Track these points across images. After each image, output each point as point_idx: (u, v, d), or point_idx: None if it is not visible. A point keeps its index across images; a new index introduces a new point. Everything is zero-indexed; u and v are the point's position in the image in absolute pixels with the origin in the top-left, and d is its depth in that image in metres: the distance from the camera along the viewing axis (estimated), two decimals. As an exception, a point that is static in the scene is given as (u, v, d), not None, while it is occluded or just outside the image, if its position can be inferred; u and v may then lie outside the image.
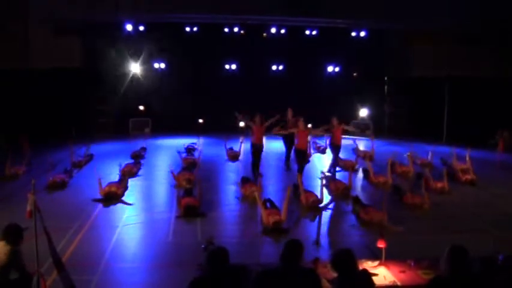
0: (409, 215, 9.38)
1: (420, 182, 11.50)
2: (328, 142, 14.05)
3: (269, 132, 12.66)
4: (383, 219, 8.42)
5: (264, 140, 12.46)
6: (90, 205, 9.59)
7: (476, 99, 18.35)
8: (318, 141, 16.39)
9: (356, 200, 9.64)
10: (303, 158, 12.00)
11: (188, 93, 19.40)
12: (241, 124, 15.00)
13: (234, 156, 14.51)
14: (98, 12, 16.63)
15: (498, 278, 5.14)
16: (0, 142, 15.33)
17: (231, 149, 14.88)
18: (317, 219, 8.25)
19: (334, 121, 12.62)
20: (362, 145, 16.40)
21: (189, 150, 15.10)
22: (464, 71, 18.41)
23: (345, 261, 3.95)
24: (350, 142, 15.67)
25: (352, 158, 14.29)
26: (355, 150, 15.41)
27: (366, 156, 14.80)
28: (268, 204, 9.09)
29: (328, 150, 14.63)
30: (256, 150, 12.28)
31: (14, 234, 4.84)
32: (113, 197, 9.95)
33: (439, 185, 11.10)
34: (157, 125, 19.98)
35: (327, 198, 10.08)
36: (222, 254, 3.91)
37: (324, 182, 10.64)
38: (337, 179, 11.65)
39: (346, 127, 13.10)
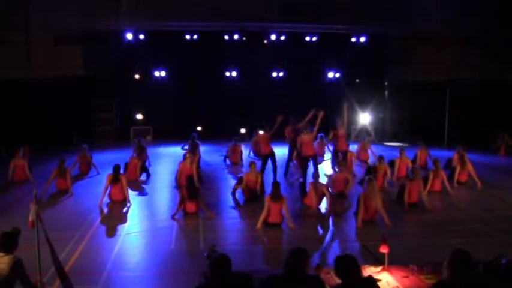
0: (412, 219, 9.37)
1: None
2: (331, 149, 14.03)
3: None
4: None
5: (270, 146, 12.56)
6: (92, 214, 9.60)
7: (477, 103, 18.36)
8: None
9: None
10: (306, 164, 12.03)
11: (189, 101, 19.44)
12: (242, 131, 15.05)
13: (234, 153, 14.68)
14: (98, 21, 16.71)
15: (501, 282, 5.11)
16: (1, 150, 15.40)
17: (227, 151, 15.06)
18: None
19: (339, 124, 12.66)
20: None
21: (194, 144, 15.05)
22: (465, 75, 18.43)
23: (348, 268, 3.94)
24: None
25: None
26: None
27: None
28: None
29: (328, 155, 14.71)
30: (266, 158, 12.45)
31: (9, 242, 4.79)
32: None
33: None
34: (158, 133, 20.03)
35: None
36: (225, 262, 3.91)
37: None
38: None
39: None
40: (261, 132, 12.89)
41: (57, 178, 11.25)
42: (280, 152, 13.65)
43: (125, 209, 10.03)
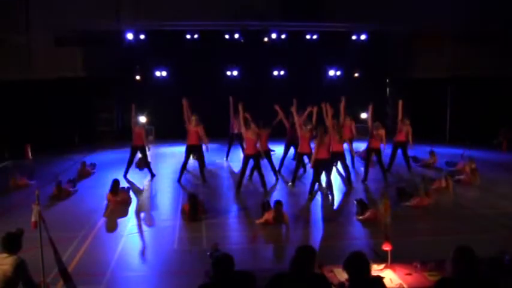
0: (414, 216, 9.35)
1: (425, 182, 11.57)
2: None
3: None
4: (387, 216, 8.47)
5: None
6: (95, 214, 9.60)
7: (479, 100, 18.31)
8: None
9: (360, 202, 9.63)
10: (302, 160, 12.18)
11: (190, 100, 19.41)
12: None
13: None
14: (99, 22, 16.68)
15: (505, 278, 5.11)
16: (4, 152, 15.40)
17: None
18: None
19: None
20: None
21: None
22: (466, 72, 18.37)
23: (358, 264, 3.92)
24: None
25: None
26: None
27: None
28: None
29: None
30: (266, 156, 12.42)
31: (12, 243, 4.78)
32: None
33: (443, 183, 11.16)
34: (160, 133, 20.02)
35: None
36: (227, 261, 3.91)
37: None
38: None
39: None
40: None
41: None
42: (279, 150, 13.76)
43: (127, 210, 10.04)
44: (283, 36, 18.87)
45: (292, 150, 13.58)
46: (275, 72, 20.21)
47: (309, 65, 19.61)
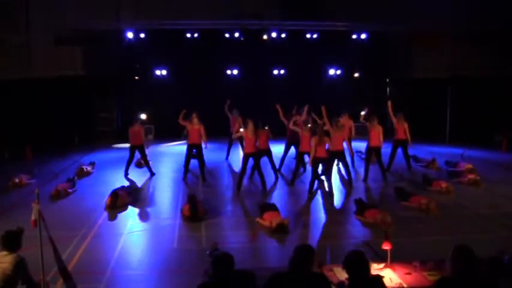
0: (414, 216, 9.35)
1: (425, 183, 11.57)
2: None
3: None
4: (386, 218, 8.44)
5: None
6: (95, 213, 9.59)
7: (479, 100, 18.32)
8: None
9: (359, 201, 9.62)
10: (302, 159, 12.17)
11: (190, 99, 19.45)
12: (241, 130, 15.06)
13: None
14: (99, 21, 16.69)
15: (504, 278, 5.11)
16: (4, 152, 15.40)
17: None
18: None
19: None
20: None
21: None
22: (466, 72, 18.38)
23: (358, 263, 3.92)
24: None
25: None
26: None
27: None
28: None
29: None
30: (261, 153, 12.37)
31: (12, 241, 4.78)
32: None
33: (444, 185, 11.11)
34: (160, 132, 20.03)
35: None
36: (227, 260, 3.91)
37: None
38: None
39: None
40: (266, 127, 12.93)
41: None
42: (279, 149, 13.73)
43: (127, 208, 10.04)
44: (283, 36, 18.88)
45: (292, 149, 13.58)
46: (275, 72, 20.24)
47: (309, 64, 19.63)
